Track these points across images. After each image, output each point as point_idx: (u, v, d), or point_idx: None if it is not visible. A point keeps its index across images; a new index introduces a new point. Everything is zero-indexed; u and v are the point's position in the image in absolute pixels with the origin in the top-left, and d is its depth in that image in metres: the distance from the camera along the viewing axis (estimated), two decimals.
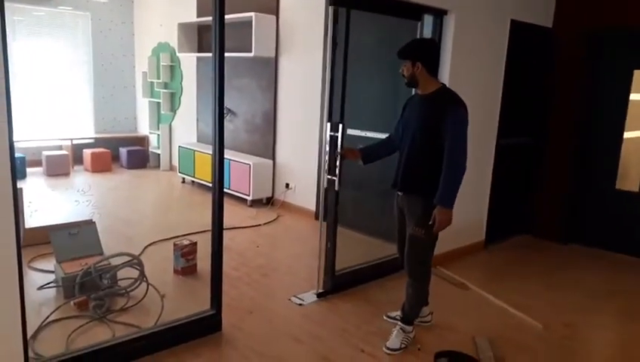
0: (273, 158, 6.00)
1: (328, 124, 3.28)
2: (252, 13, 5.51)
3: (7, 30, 1.99)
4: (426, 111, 2.78)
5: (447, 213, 2.69)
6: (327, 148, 3.28)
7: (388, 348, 2.91)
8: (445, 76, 3.90)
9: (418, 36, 3.86)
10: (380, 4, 3.46)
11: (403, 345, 2.93)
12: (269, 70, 5.88)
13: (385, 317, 3.26)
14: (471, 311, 3.48)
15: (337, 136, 3.22)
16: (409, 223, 2.88)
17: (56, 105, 7.68)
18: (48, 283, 3.45)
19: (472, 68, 4.14)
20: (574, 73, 4.81)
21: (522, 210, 5.22)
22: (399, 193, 2.95)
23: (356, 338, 3.03)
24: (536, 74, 4.96)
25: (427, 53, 2.81)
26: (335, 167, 3.25)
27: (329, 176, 3.31)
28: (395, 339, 2.94)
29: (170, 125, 7.71)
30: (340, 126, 3.21)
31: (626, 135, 4.67)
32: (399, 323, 3.01)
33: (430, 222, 2.73)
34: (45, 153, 7.04)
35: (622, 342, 3.32)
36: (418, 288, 2.96)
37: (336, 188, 3.33)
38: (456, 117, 2.68)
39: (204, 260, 3.69)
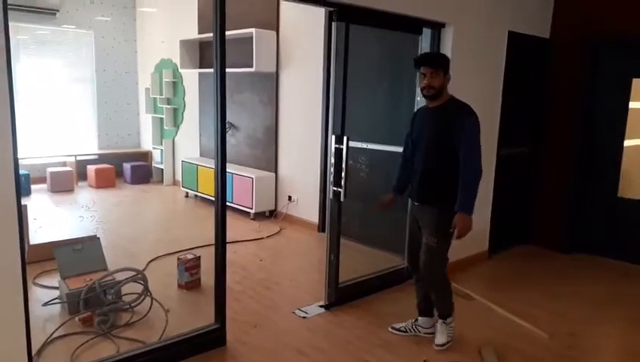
0: (275, 171, 6.02)
1: (333, 137, 3.32)
2: (252, 29, 5.58)
3: (12, 49, 2.03)
4: (439, 123, 2.86)
5: (468, 220, 2.75)
6: (333, 160, 3.33)
7: (437, 344, 3.04)
8: None
9: (420, 49, 3.90)
10: (382, 19, 3.49)
11: (449, 338, 3.06)
12: (270, 85, 5.93)
13: (390, 329, 3.25)
14: (476, 322, 3.46)
15: (342, 148, 3.27)
16: (424, 233, 2.94)
17: (60, 123, 7.75)
18: (53, 300, 3.46)
19: (470, 79, 4.16)
20: (573, 83, 4.83)
21: (525, 220, 5.22)
22: (415, 203, 3.00)
23: (361, 350, 3.02)
24: (535, 84, 4.99)
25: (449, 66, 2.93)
26: (340, 178, 3.29)
27: (335, 188, 3.34)
28: (440, 335, 3.05)
29: (173, 140, 7.77)
30: (345, 138, 3.25)
31: (627, 143, 4.68)
32: (439, 319, 3.10)
33: (451, 230, 2.79)
34: (49, 170, 7.09)
35: (627, 350, 3.29)
36: (440, 291, 3.05)
37: (341, 200, 3.35)
38: (470, 126, 2.76)
39: (207, 274, 3.69)
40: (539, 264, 4.76)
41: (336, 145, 3.30)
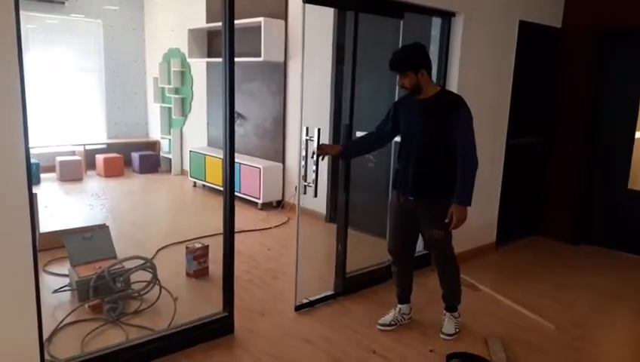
0: (283, 162, 6.03)
1: (305, 128, 3.11)
2: (261, 18, 5.55)
3: (22, 38, 2.04)
4: (433, 117, 2.81)
5: (464, 212, 2.76)
6: (304, 153, 3.11)
7: (445, 334, 3.07)
8: (454, 78, 3.91)
9: (401, 34, 3.69)
10: (358, 1, 3.30)
11: (457, 329, 3.10)
12: (278, 74, 5.92)
13: (380, 328, 3.16)
14: (483, 313, 3.47)
15: (313, 141, 3.05)
16: (426, 226, 2.95)
17: (69, 112, 7.79)
18: (63, 287, 3.51)
19: (481, 69, 4.13)
20: (584, 73, 4.78)
21: (533, 211, 5.20)
22: (409, 198, 2.95)
23: (368, 339, 3.04)
24: (545, 74, 4.94)
25: (425, 58, 2.82)
26: (312, 172, 3.11)
27: (305, 183, 3.16)
28: (448, 325, 3.10)
29: (181, 130, 7.79)
30: (317, 130, 3.03)
31: (638, 135, 4.63)
32: (446, 312, 3.13)
33: (447, 221, 2.79)
34: (59, 159, 7.14)
35: (634, 342, 3.29)
36: (453, 279, 3.10)
37: (314, 196, 3.16)
38: (463, 119, 2.74)
39: (215, 263, 3.72)
40: (546, 255, 4.75)
41: (307, 137, 3.08)
